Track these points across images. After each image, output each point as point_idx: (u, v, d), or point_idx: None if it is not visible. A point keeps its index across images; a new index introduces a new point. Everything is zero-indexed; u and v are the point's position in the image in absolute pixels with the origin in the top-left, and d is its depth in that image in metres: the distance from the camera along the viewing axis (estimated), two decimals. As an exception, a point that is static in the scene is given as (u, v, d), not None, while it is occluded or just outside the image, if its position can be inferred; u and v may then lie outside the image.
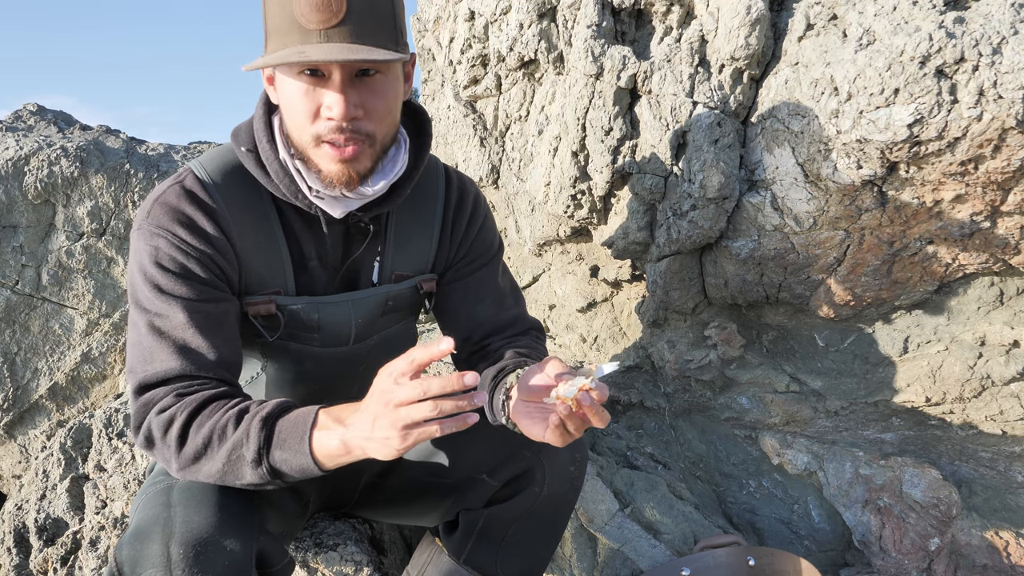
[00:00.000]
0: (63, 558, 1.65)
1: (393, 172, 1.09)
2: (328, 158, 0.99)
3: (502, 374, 1.13)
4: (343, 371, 1.25)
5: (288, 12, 0.93)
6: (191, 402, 0.96)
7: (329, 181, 1.02)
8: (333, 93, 0.96)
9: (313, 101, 0.97)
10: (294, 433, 0.91)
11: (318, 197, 1.06)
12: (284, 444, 0.91)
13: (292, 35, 0.93)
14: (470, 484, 1.26)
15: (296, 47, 0.93)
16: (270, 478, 0.92)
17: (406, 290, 1.23)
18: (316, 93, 0.97)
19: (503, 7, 1.96)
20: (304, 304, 1.13)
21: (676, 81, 1.67)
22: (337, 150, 0.98)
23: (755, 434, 1.94)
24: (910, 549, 1.63)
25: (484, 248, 1.30)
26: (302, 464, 0.90)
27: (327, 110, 0.97)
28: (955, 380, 1.66)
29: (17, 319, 2.51)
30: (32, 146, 2.54)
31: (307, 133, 0.99)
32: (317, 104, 0.97)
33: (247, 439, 0.91)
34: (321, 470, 0.91)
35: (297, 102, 0.97)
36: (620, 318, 2.22)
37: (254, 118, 1.09)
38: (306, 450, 0.89)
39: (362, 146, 1.00)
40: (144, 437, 0.98)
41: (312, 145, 1.00)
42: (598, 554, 1.65)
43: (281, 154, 1.06)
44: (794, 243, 1.65)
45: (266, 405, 0.95)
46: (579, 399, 0.89)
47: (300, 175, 1.05)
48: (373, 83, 0.99)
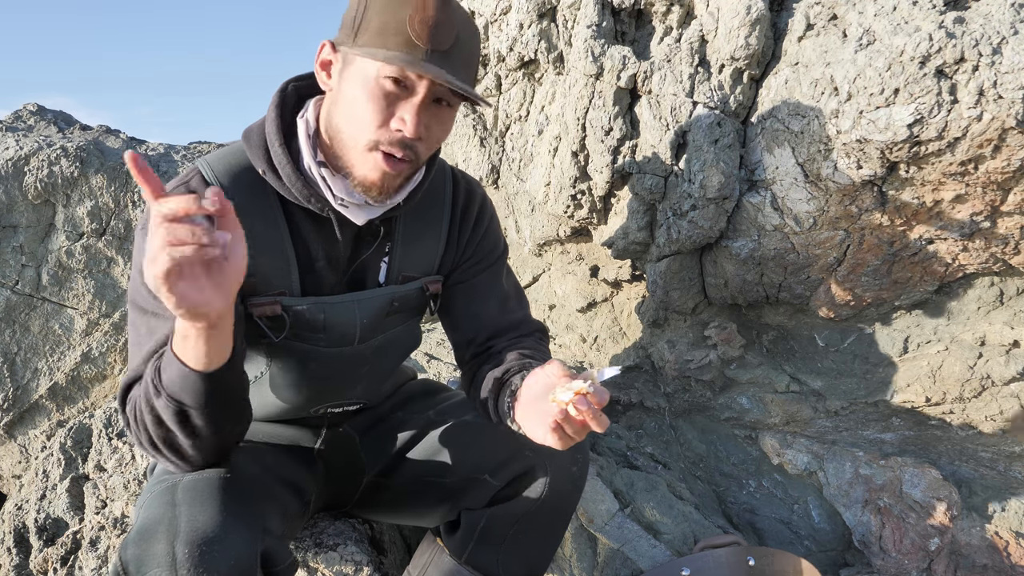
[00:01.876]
0: (63, 558, 1.65)
1: (414, 182, 1.12)
2: (374, 166, 1.01)
3: (507, 375, 1.13)
4: (347, 371, 1.25)
5: (401, 22, 0.94)
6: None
7: (363, 187, 1.03)
8: (412, 109, 0.98)
9: (388, 109, 0.98)
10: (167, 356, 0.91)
11: (343, 206, 1.07)
12: (166, 369, 0.91)
13: (397, 40, 0.95)
14: (472, 484, 1.26)
15: (401, 53, 0.95)
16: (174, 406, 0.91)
17: (412, 291, 1.23)
18: (394, 103, 0.98)
19: (503, 7, 1.96)
20: (310, 305, 1.13)
21: (676, 81, 1.67)
22: (390, 162, 1.00)
23: (755, 434, 1.94)
24: (910, 549, 1.64)
25: (489, 250, 1.31)
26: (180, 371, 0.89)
27: (399, 122, 0.98)
28: (955, 380, 1.66)
29: (17, 319, 2.51)
30: (32, 146, 2.53)
31: (366, 136, 0.99)
32: (391, 114, 0.98)
33: (149, 388, 0.92)
34: (192, 369, 0.88)
35: (370, 104, 0.98)
36: (620, 318, 2.22)
37: (267, 121, 1.09)
38: (172, 357, 0.89)
39: (409, 166, 1.03)
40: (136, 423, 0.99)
41: (364, 148, 1.00)
42: (598, 554, 1.65)
43: (305, 160, 1.06)
44: (794, 243, 1.66)
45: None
46: (575, 403, 0.88)
47: (325, 182, 1.05)
48: (442, 113, 1.03)
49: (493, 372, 1.16)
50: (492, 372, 1.16)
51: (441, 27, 0.95)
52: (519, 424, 1.02)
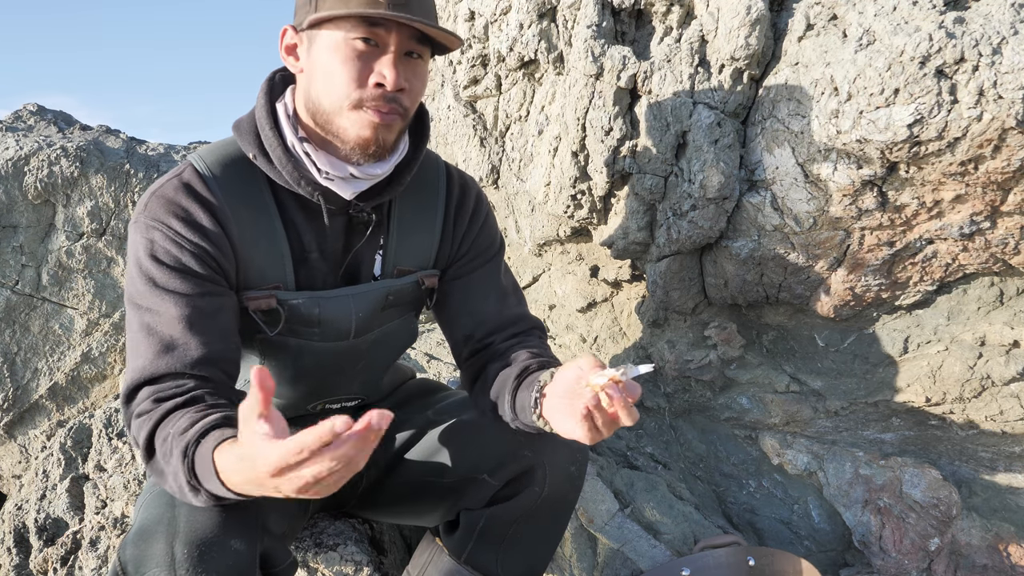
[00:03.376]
0: (63, 558, 1.65)
1: (398, 153, 1.11)
2: (364, 123, 1.02)
3: (526, 372, 1.12)
4: (342, 366, 1.25)
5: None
6: (160, 411, 0.93)
7: (359, 147, 1.04)
8: (388, 62, 1.00)
9: (364, 67, 1.01)
10: (207, 473, 0.84)
11: (328, 179, 1.06)
12: (208, 479, 0.85)
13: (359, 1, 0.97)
14: (471, 484, 1.26)
15: (362, 7, 0.97)
16: (215, 503, 0.89)
17: (407, 285, 1.23)
18: (368, 61, 1.01)
19: (503, 7, 1.96)
20: (305, 299, 1.13)
21: (676, 81, 1.67)
22: (379, 114, 1.01)
23: (755, 434, 1.94)
24: (910, 549, 1.64)
25: (486, 245, 1.30)
26: (234, 496, 0.84)
27: (378, 77, 1.00)
28: (955, 380, 1.66)
29: (17, 319, 2.51)
30: (32, 146, 2.54)
31: (348, 98, 1.01)
32: (368, 71, 1.00)
33: (180, 469, 0.87)
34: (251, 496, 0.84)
35: (345, 66, 1.00)
36: (620, 318, 2.22)
37: (256, 107, 1.10)
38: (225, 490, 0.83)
39: (398, 117, 1.04)
40: (133, 440, 0.98)
41: (348, 108, 1.02)
42: (598, 554, 1.65)
43: (288, 139, 1.07)
44: (794, 243, 1.66)
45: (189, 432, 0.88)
46: (607, 389, 0.87)
47: (309, 158, 1.06)
48: (415, 65, 1.06)
49: (507, 371, 1.15)
50: (506, 371, 1.15)
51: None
52: (546, 419, 1.01)
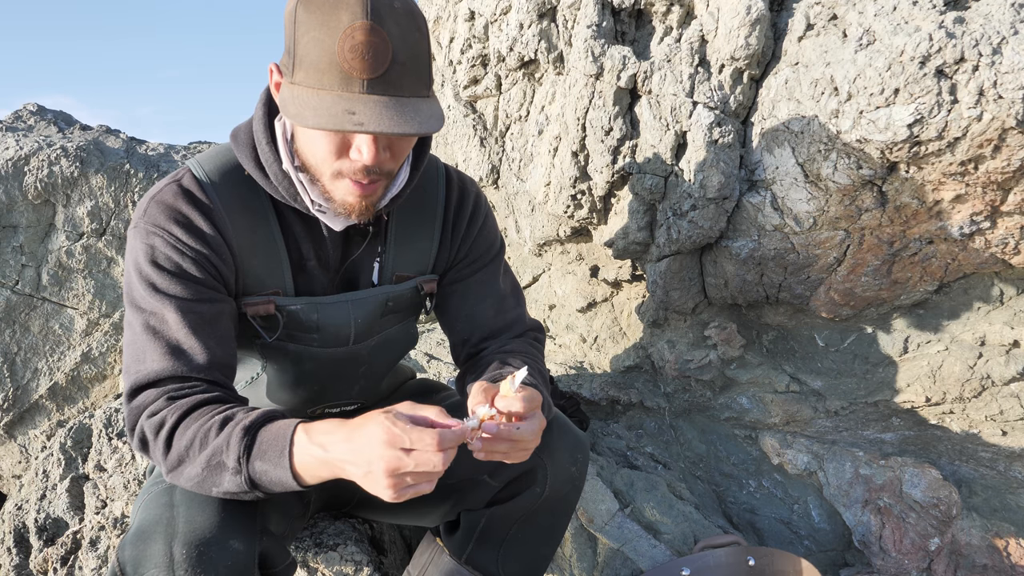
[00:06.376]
0: (63, 558, 1.65)
1: (397, 184, 1.09)
2: (347, 190, 0.99)
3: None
4: (343, 372, 1.25)
5: (330, 52, 0.88)
6: (181, 406, 0.95)
7: (344, 211, 1.02)
8: (366, 141, 0.94)
9: (342, 141, 0.95)
10: (275, 445, 0.89)
11: (320, 211, 1.06)
12: (265, 455, 0.89)
13: (331, 76, 0.89)
14: (471, 485, 1.26)
15: (336, 92, 0.90)
16: (248, 488, 0.91)
17: (406, 291, 1.23)
18: (348, 133, 0.95)
19: (503, 7, 1.96)
20: (303, 304, 1.13)
21: (676, 81, 1.67)
22: (360, 186, 0.98)
23: (755, 434, 1.94)
24: (910, 549, 1.64)
25: (485, 249, 1.30)
26: (281, 478, 0.89)
27: (356, 152, 0.95)
28: (955, 380, 1.66)
29: (17, 319, 2.51)
30: (32, 146, 2.53)
31: (329, 167, 0.98)
32: (346, 145, 0.96)
33: (227, 446, 0.90)
34: (301, 485, 0.89)
35: (325, 139, 0.96)
36: (620, 318, 2.22)
37: (253, 119, 1.08)
38: (286, 464, 0.88)
39: (382, 182, 1.01)
40: (139, 440, 0.98)
41: (331, 178, 0.99)
42: (598, 554, 1.65)
43: (284, 163, 1.05)
44: (794, 243, 1.66)
45: (252, 413, 0.93)
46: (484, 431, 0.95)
47: (303, 186, 1.05)
48: None
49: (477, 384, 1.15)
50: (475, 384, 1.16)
51: (373, 50, 0.88)
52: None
